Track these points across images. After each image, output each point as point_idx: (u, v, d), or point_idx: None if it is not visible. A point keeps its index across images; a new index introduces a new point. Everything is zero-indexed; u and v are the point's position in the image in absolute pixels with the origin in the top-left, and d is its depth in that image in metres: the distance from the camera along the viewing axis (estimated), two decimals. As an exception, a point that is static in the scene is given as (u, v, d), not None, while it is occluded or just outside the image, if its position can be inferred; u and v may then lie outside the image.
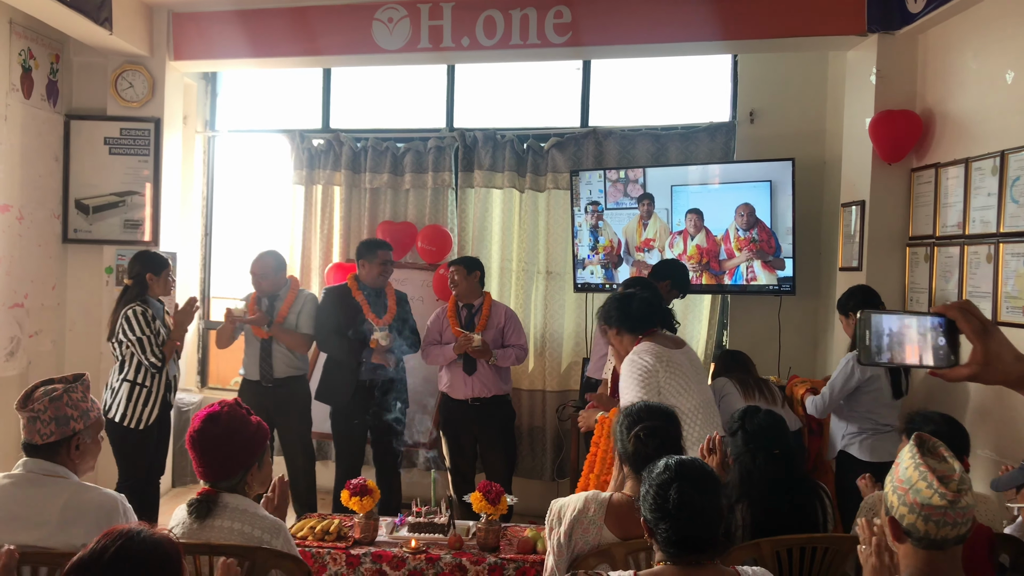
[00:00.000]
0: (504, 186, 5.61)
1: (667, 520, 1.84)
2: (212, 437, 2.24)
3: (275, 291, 4.69)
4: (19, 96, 5.02)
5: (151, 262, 4.32)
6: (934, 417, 2.80)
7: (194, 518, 2.21)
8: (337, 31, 5.19)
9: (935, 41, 4.29)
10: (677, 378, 3.16)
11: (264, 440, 2.35)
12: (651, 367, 3.13)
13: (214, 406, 2.30)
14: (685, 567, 1.85)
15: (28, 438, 2.29)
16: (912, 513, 1.66)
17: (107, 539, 1.42)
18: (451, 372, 4.69)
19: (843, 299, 4.06)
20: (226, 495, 2.26)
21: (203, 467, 2.27)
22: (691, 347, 3.46)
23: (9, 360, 4.99)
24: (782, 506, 2.60)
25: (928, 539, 1.66)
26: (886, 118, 4.35)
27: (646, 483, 1.94)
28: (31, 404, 2.28)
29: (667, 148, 5.42)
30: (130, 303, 4.20)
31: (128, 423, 4.16)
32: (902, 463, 1.71)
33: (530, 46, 4.98)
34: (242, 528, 2.21)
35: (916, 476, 1.66)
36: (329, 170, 5.81)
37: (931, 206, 4.20)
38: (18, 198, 5.05)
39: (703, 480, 1.88)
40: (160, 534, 1.47)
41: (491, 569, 3.22)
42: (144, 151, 5.40)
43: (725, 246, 5.00)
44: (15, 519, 2.17)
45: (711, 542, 1.85)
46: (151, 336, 4.16)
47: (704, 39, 4.84)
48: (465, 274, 4.65)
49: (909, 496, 1.66)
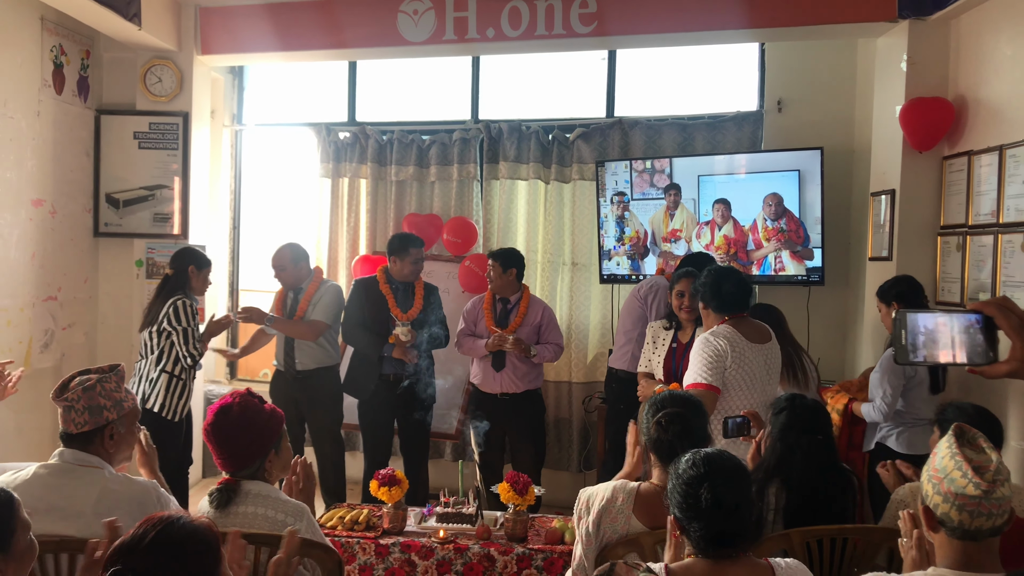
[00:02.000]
0: (529, 177, 5.60)
1: (701, 519, 1.81)
2: (226, 427, 2.27)
3: (298, 284, 4.71)
4: (51, 92, 5.09)
5: (196, 257, 4.41)
6: (967, 408, 2.77)
7: (215, 507, 2.24)
8: (362, 23, 5.21)
9: (968, 26, 4.22)
10: (743, 371, 3.14)
11: (279, 426, 2.38)
12: (722, 350, 3.12)
13: (226, 398, 2.33)
14: (718, 560, 1.83)
15: (64, 427, 2.33)
16: (946, 502, 1.65)
17: (147, 525, 1.44)
18: (482, 366, 4.68)
19: (885, 287, 3.92)
20: (247, 482, 2.29)
21: (221, 457, 2.30)
22: (776, 344, 3.34)
23: (44, 352, 5.07)
24: (818, 491, 2.59)
25: (962, 529, 1.65)
26: (917, 105, 4.29)
27: (673, 478, 1.91)
28: (66, 394, 2.32)
29: (694, 138, 5.38)
30: (173, 294, 4.27)
31: (165, 414, 4.22)
32: (939, 452, 1.70)
33: (555, 36, 4.97)
34: (265, 513, 2.24)
35: (951, 465, 1.65)
36: (355, 163, 5.84)
37: (963, 194, 4.14)
38: (51, 193, 5.12)
39: (735, 475, 1.86)
40: (199, 520, 1.49)
41: (519, 559, 3.23)
42: (173, 145, 5.46)
43: (753, 236, 4.96)
44: (52, 509, 2.21)
45: (744, 535, 1.84)
46: (195, 329, 4.25)
47: (731, 27, 4.79)
48: (500, 271, 4.58)
49: (944, 485, 1.65)
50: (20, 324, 4.86)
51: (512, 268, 4.60)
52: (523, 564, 3.22)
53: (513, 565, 3.22)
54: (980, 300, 1.38)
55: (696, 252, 4.75)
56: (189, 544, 1.44)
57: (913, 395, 3.79)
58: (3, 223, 4.70)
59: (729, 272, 3.40)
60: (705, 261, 4.38)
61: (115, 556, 1.41)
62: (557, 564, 3.20)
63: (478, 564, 3.23)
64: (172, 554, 1.42)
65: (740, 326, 3.21)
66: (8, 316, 4.75)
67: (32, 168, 4.93)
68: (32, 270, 4.96)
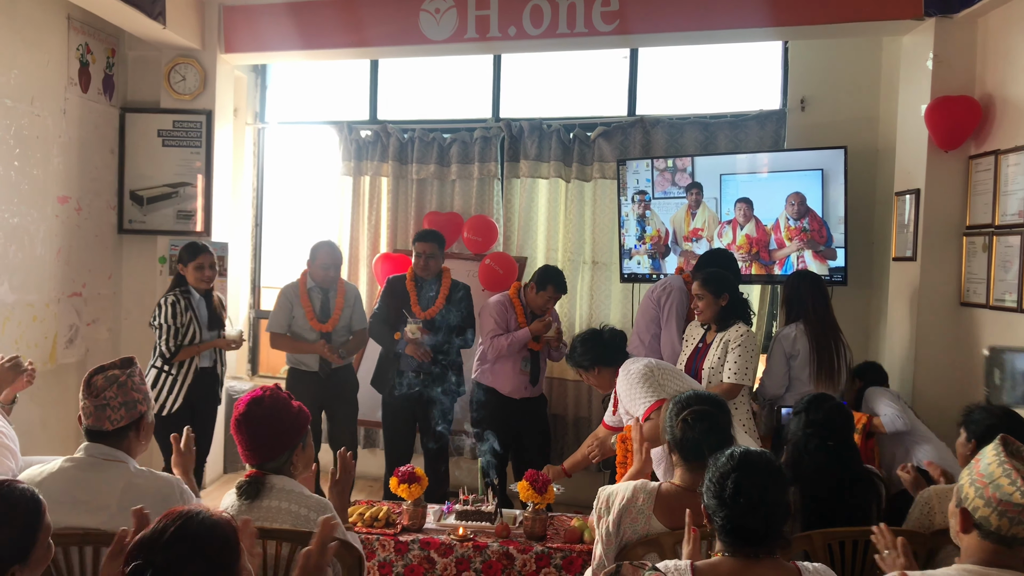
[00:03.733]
0: (550, 176, 5.59)
1: (724, 509, 1.84)
2: (257, 419, 2.29)
3: (334, 284, 4.74)
4: (77, 90, 5.15)
5: (183, 251, 4.47)
6: (995, 411, 2.73)
7: (243, 500, 2.26)
8: (384, 22, 5.22)
9: (996, 23, 4.17)
10: (663, 367, 3.20)
11: (306, 422, 2.39)
12: (643, 366, 3.17)
13: (256, 391, 2.35)
14: (743, 559, 1.84)
15: (97, 425, 2.34)
16: (988, 507, 1.68)
17: (167, 519, 1.45)
18: (513, 372, 4.63)
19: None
20: (273, 476, 2.30)
21: (249, 450, 2.31)
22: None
23: (68, 347, 5.14)
24: (833, 496, 2.58)
25: (998, 535, 1.68)
26: (943, 104, 4.24)
27: (711, 469, 1.94)
28: (102, 393, 2.33)
29: (716, 137, 5.36)
30: (171, 290, 4.40)
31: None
32: (984, 459, 1.74)
33: (577, 35, 4.96)
34: (289, 507, 2.25)
35: (999, 472, 1.68)
36: (376, 161, 5.86)
37: (990, 194, 4.08)
38: (76, 190, 5.18)
39: (765, 472, 1.87)
40: (219, 515, 1.49)
41: (538, 558, 3.22)
42: (196, 143, 5.51)
43: (775, 236, 4.92)
44: (77, 503, 2.23)
45: (769, 535, 1.83)
46: (171, 327, 4.30)
47: (754, 25, 4.76)
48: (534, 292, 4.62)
49: (988, 490, 1.68)
50: (46, 319, 4.92)
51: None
52: (542, 563, 3.22)
53: (532, 563, 3.22)
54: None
55: (715, 249, 4.70)
56: (208, 539, 1.45)
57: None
58: (30, 220, 4.76)
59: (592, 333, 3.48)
60: (722, 259, 4.33)
61: (136, 550, 1.42)
62: (576, 563, 3.20)
63: (497, 562, 3.23)
64: (192, 549, 1.43)
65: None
66: (34, 311, 4.81)
67: (58, 165, 4.99)
68: (58, 266, 5.02)
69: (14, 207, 4.64)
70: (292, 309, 4.70)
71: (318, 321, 4.66)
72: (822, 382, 3.97)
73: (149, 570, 1.40)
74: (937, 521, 2.53)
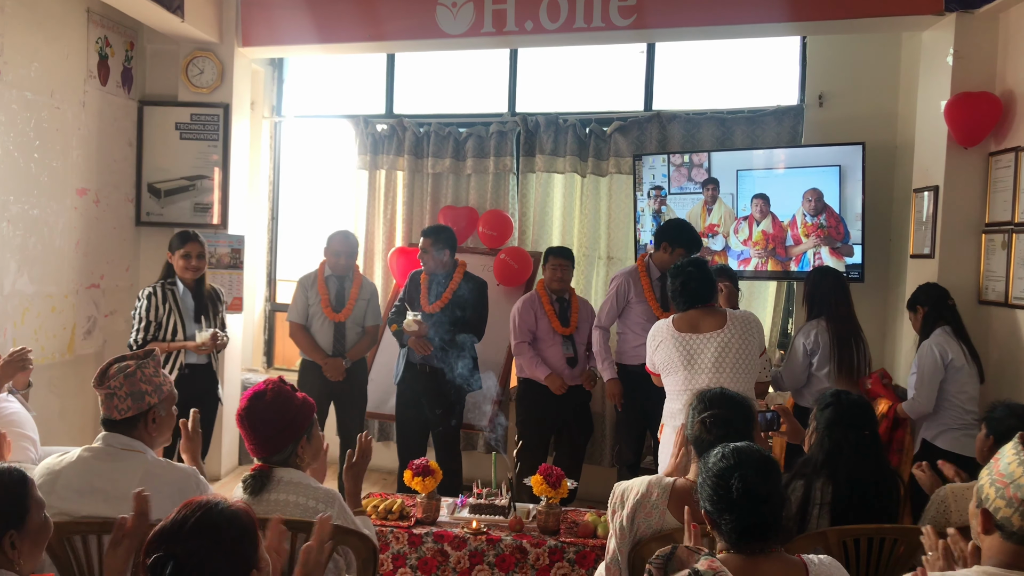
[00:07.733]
0: (566, 171, 5.59)
1: (732, 510, 1.81)
2: (259, 412, 2.30)
3: (347, 272, 4.74)
4: (96, 83, 5.18)
5: (172, 239, 4.35)
6: (1017, 409, 2.71)
7: (249, 493, 2.27)
8: (401, 16, 5.23)
9: (1017, 19, 4.13)
10: (663, 354, 3.36)
11: (310, 414, 2.40)
12: (656, 330, 3.44)
13: (259, 385, 2.36)
14: (750, 555, 1.82)
15: (107, 413, 2.37)
16: (1009, 507, 1.66)
17: (187, 509, 1.46)
18: (555, 357, 4.65)
19: (915, 294, 4.00)
20: (279, 469, 2.31)
21: (254, 443, 2.32)
22: (715, 335, 3.28)
23: (86, 338, 5.18)
24: (865, 486, 2.55)
25: (1021, 535, 1.66)
26: (963, 100, 4.20)
27: (703, 473, 1.91)
28: (108, 381, 2.36)
29: (733, 132, 5.33)
30: (157, 281, 4.30)
31: None
32: (1003, 458, 1.71)
33: (594, 29, 4.94)
34: (297, 500, 2.26)
35: (1020, 472, 1.66)
36: (392, 155, 5.86)
37: (1010, 191, 4.05)
38: (95, 182, 5.22)
39: (764, 466, 1.85)
40: (238, 505, 1.50)
41: (551, 552, 3.23)
42: (213, 136, 5.53)
43: (792, 232, 4.90)
44: (95, 492, 2.25)
45: (774, 527, 1.82)
46: (143, 320, 4.21)
47: (773, 20, 4.73)
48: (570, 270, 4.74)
49: (1009, 491, 1.66)
50: (64, 311, 4.96)
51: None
52: (555, 557, 3.23)
53: (545, 557, 3.23)
54: None
55: (670, 222, 4.62)
56: (228, 529, 1.46)
57: (954, 387, 3.72)
58: (49, 212, 4.80)
59: (677, 271, 3.48)
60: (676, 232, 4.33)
61: (156, 541, 1.43)
62: (589, 557, 3.20)
63: (510, 556, 3.24)
64: (212, 539, 1.43)
65: (675, 318, 3.41)
66: (53, 303, 4.85)
67: (77, 158, 5.03)
68: (76, 258, 5.06)
69: (34, 199, 4.68)
70: (308, 297, 4.69)
71: (332, 310, 4.66)
72: (842, 379, 3.95)
73: (171, 561, 1.40)
74: (953, 520, 2.51)
